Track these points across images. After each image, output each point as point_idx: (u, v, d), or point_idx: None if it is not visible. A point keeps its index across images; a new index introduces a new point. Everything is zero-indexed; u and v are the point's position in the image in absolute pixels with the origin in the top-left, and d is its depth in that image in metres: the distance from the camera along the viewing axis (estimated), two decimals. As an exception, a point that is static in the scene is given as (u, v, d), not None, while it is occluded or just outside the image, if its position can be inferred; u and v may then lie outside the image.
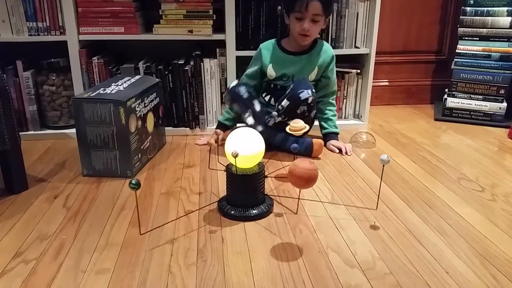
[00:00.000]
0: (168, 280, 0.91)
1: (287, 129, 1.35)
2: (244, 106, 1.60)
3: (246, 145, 1.15)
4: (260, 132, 1.30)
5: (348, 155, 1.63)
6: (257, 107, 1.60)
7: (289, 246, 1.04)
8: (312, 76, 1.70)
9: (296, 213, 1.20)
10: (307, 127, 1.34)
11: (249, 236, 1.08)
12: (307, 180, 1.03)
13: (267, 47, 1.71)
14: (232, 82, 1.64)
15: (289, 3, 1.61)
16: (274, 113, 1.58)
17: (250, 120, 1.59)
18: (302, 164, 1.04)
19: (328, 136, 1.71)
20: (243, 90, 1.60)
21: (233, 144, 1.16)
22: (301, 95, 1.52)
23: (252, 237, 1.08)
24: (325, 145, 1.68)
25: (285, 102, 1.55)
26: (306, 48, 1.69)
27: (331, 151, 1.67)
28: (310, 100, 1.53)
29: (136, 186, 0.98)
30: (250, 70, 1.73)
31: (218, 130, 1.73)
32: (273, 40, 1.73)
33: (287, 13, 1.65)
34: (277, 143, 1.62)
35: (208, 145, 1.13)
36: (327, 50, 1.70)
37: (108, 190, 1.34)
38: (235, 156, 1.08)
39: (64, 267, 0.96)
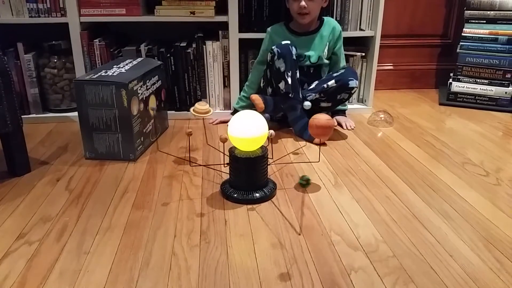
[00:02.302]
0: (171, 261, 0.91)
1: (191, 110, 1.35)
2: (289, 65, 1.57)
3: (249, 128, 1.14)
4: (289, 100, 1.50)
5: (350, 128, 1.72)
6: (297, 74, 1.61)
7: (292, 228, 1.03)
8: (325, 54, 1.72)
9: (318, 161, 1.34)
10: (211, 111, 1.37)
11: (252, 219, 1.08)
12: (326, 128, 1.23)
13: (275, 30, 1.71)
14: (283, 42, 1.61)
15: None
16: (307, 103, 1.59)
17: (285, 83, 1.57)
18: (321, 116, 1.22)
19: (335, 113, 1.78)
20: (294, 51, 1.60)
21: (236, 127, 1.15)
22: (350, 82, 1.61)
23: (255, 219, 1.07)
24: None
25: (332, 83, 1.61)
26: (315, 28, 1.70)
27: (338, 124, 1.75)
28: (354, 90, 1.64)
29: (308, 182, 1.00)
30: (261, 56, 1.74)
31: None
32: (281, 23, 1.72)
33: None
34: (293, 122, 1.63)
35: (222, 141, 1.13)
36: (335, 26, 1.73)
37: (111, 172, 1.34)
38: (272, 137, 1.16)
39: (67, 249, 0.96)
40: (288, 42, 1.60)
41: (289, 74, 1.57)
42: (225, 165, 1.22)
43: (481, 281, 0.85)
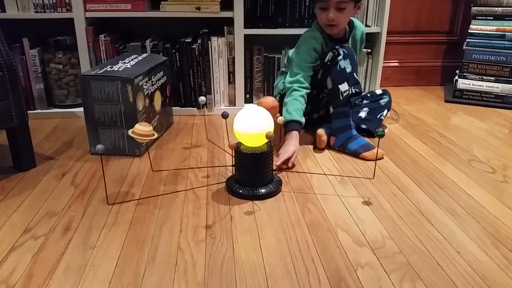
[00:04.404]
0: (177, 256, 0.91)
1: (130, 132, 1.15)
2: (355, 67, 1.46)
3: (255, 123, 1.13)
4: (344, 106, 1.45)
5: None
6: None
7: (297, 224, 1.03)
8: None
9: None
10: (155, 135, 1.19)
11: (258, 215, 1.07)
12: (276, 108, 1.42)
13: (315, 37, 1.52)
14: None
15: None
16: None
17: (353, 84, 1.44)
18: (268, 99, 1.40)
19: None
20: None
21: (241, 122, 1.15)
22: (391, 105, 1.69)
23: (260, 215, 1.07)
24: None
25: (386, 112, 1.65)
26: (346, 32, 1.58)
27: None
28: None
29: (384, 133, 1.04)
30: (311, 62, 1.51)
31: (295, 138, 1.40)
32: (316, 30, 1.54)
33: (312, 3, 1.57)
34: (339, 130, 1.46)
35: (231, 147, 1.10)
36: (364, 30, 1.64)
37: (116, 168, 1.34)
38: (281, 122, 1.32)
39: (73, 243, 0.96)
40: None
41: (357, 75, 1.47)
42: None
43: (488, 278, 0.85)
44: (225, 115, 1.37)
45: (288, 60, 1.64)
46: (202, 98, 1.41)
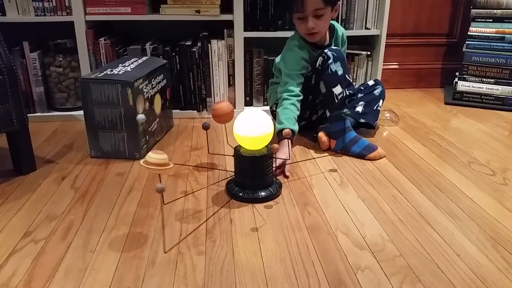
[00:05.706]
0: (177, 259, 0.91)
1: (141, 162, 0.96)
2: (346, 69, 1.46)
3: (254, 126, 1.13)
4: (339, 108, 1.42)
5: None
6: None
7: (297, 227, 1.03)
8: None
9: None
10: (171, 164, 0.96)
11: (258, 218, 1.07)
12: (232, 112, 1.25)
13: (300, 46, 1.51)
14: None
15: (287, 5, 1.54)
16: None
17: (346, 86, 1.44)
18: (222, 103, 1.24)
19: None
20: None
21: (241, 125, 1.15)
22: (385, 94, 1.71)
23: (260, 218, 1.07)
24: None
25: (381, 102, 1.66)
26: (328, 37, 1.57)
27: None
28: None
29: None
30: (299, 70, 1.49)
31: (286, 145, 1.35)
32: (299, 39, 1.52)
33: (289, 14, 1.56)
34: (338, 134, 1.45)
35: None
36: (343, 32, 1.63)
37: (116, 171, 1.34)
38: None
39: (73, 247, 0.96)
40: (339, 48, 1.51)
41: (350, 76, 1.46)
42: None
43: (488, 281, 0.85)
44: (205, 126, 1.29)
45: (275, 69, 1.64)
46: (141, 116, 1.32)
